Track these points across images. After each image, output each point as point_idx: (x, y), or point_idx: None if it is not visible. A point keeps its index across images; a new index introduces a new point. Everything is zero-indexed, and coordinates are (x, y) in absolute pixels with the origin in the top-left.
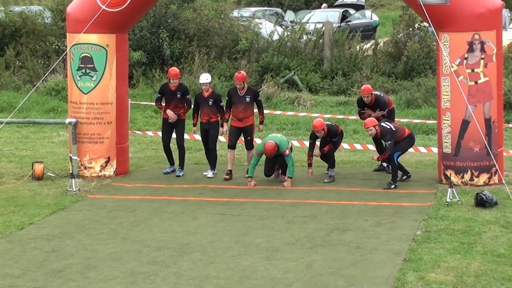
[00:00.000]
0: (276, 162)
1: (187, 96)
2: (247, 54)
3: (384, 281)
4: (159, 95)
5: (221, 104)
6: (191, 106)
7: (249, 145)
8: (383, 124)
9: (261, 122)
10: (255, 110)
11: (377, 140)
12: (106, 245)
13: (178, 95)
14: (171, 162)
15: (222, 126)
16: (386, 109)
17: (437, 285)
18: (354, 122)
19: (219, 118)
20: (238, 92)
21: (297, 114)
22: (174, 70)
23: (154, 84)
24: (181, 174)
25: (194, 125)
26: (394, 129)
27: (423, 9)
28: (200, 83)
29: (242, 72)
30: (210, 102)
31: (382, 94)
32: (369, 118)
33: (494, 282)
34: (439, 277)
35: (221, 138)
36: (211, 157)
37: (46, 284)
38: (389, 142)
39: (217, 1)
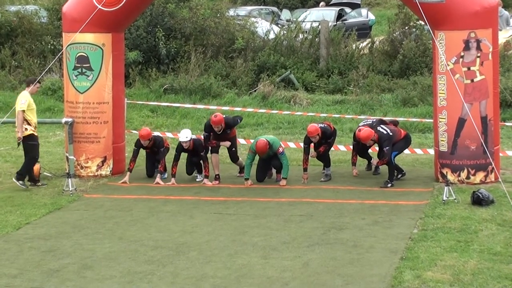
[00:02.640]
0: (269, 166)
1: (230, 130)
2: (243, 53)
3: (381, 280)
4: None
5: (202, 153)
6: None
7: (234, 157)
8: (379, 129)
9: None
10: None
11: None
12: (103, 245)
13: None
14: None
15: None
16: (389, 146)
17: (434, 284)
18: (350, 121)
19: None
20: (216, 131)
21: (293, 113)
22: (145, 130)
23: (150, 84)
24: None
25: (173, 175)
26: (391, 133)
27: (419, 8)
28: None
29: (219, 115)
30: (195, 153)
31: (386, 131)
32: (364, 131)
33: (490, 280)
34: (436, 276)
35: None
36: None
37: (43, 283)
38: (387, 147)
39: (213, 0)
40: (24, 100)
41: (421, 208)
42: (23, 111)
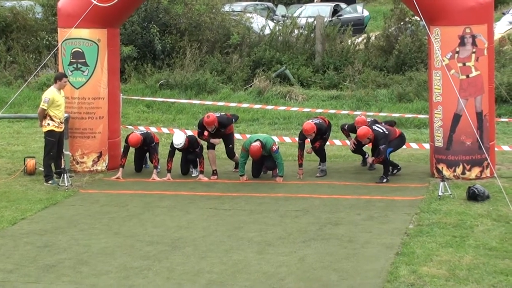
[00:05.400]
0: (263, 162)
1: (224, 129)
2: (238, 49)
3: (376, 275)
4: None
5: (197, 149)
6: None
7: (231, 153)
8: (375, 128)
9: None
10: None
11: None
12: (99, 240)
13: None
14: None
15: (209, 140)
16: (385, 145)
17: (429, 279)
18: (345, 116)
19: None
20: (210, 131)
21: (289, 108)
22: (134, 137)
23: (146, 79)
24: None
25: (169, 170)
26: (387, 132)
27: (414, 3)
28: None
29: (212, 116)
30: (190, 150)
31: (382, 129)
32: (361, 129)
33: (486, 275)
34: (432, 271)
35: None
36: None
37: (39, 279)
38: (383, 146)
39: None
40: (48, 98)
41: (416, 204)
42: (44, 109)
